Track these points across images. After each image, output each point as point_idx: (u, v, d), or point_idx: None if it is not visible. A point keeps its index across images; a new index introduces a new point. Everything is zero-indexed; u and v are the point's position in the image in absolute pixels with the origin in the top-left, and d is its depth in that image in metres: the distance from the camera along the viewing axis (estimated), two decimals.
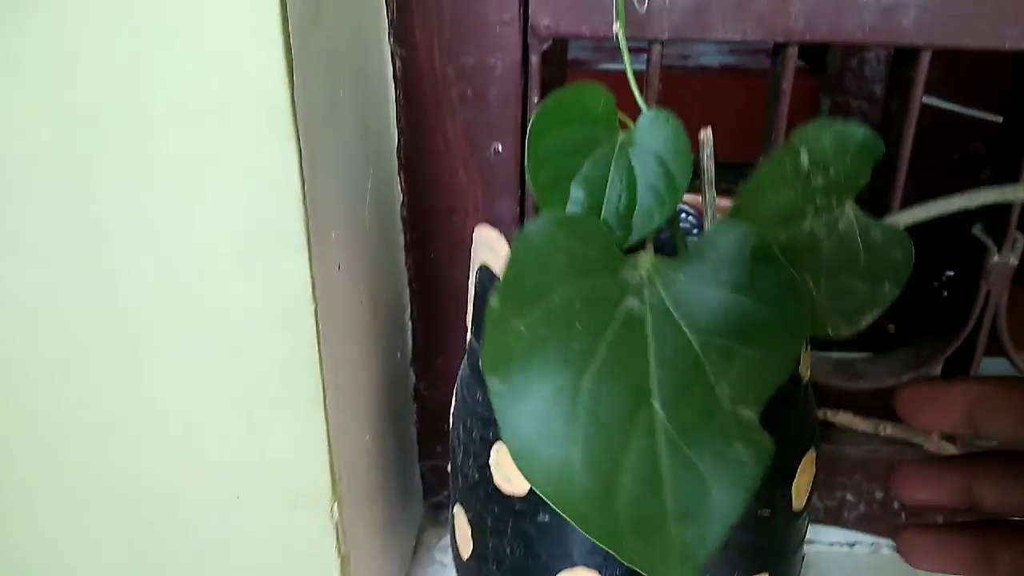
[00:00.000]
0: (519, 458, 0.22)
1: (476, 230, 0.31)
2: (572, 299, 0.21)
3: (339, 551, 0.35)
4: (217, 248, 0.28)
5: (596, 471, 0.21)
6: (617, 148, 0.26)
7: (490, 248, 0.30)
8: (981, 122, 0.74)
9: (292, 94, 0.26)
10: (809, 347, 0.33)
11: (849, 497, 0.48)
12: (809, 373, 0.33)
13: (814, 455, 0.33)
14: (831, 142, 0.26)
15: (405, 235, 0.43)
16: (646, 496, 0.22)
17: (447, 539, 0.47)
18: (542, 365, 0.21)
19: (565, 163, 0.26)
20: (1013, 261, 0.41)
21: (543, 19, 0.38)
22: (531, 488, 0.30)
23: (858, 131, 0.26)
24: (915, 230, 0.27)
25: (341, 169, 0.32)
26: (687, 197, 0.27)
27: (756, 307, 0.22)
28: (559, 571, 0.31)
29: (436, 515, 0.51)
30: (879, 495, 0.48)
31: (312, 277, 0.29)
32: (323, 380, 0.32)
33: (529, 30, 0.38)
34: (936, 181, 0.43)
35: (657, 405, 0.21)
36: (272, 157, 0.27)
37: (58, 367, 0.31)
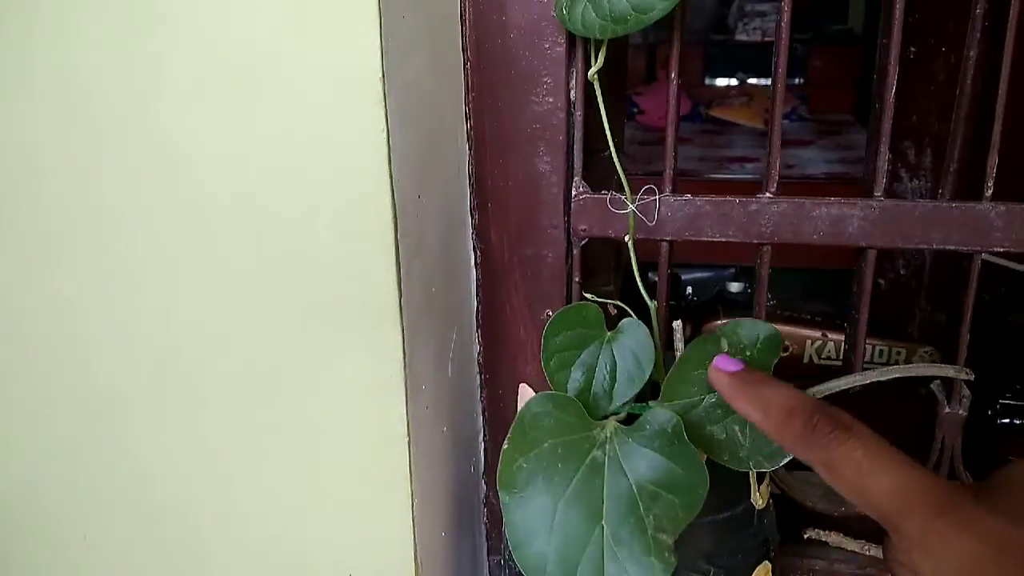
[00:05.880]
0: (515, 548, 0.35)
1: (520, 387, 0.44)
2: (556, 447, 0.34)
3: None
4: (347, 399, 0.43)
5: (563, 563, 0.34)
6: (604, 343, 0.40)
7: (524, 399, 0.43)
8: (1007, 271, 0.83)
9: (400, 303, 0.41)
10: (767, 484, 0.44)
11: None
12: (764, 504, 0.44)
13: (769, 567, 0.44)
14: (744, 334, 0.38)
15: (480, 377, 0.57)
16: None
17: None
18: (534, 489, 0.34)
19: (568, 354, 0.39)
20: (962, 412, 0.50)
21: (580, 225, 0.52)
22: None
23: (763, 327, 0.38)
24: None
25: (432, 345, 0.47)
26: None
27: (673, 467, 0.34)
28: None
29: None
30: None
31: (407, 418, 0.43)
32: (412, 490, 0.45)
33: (571, 232, 0.52)
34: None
35: (605, 525, 0.34)
36: (383, 345, 0.42)
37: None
